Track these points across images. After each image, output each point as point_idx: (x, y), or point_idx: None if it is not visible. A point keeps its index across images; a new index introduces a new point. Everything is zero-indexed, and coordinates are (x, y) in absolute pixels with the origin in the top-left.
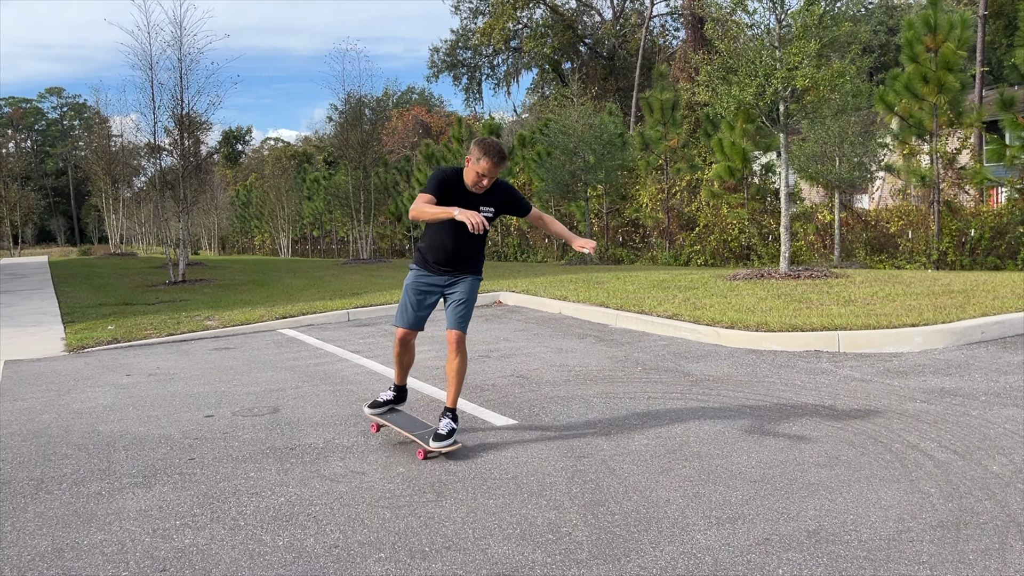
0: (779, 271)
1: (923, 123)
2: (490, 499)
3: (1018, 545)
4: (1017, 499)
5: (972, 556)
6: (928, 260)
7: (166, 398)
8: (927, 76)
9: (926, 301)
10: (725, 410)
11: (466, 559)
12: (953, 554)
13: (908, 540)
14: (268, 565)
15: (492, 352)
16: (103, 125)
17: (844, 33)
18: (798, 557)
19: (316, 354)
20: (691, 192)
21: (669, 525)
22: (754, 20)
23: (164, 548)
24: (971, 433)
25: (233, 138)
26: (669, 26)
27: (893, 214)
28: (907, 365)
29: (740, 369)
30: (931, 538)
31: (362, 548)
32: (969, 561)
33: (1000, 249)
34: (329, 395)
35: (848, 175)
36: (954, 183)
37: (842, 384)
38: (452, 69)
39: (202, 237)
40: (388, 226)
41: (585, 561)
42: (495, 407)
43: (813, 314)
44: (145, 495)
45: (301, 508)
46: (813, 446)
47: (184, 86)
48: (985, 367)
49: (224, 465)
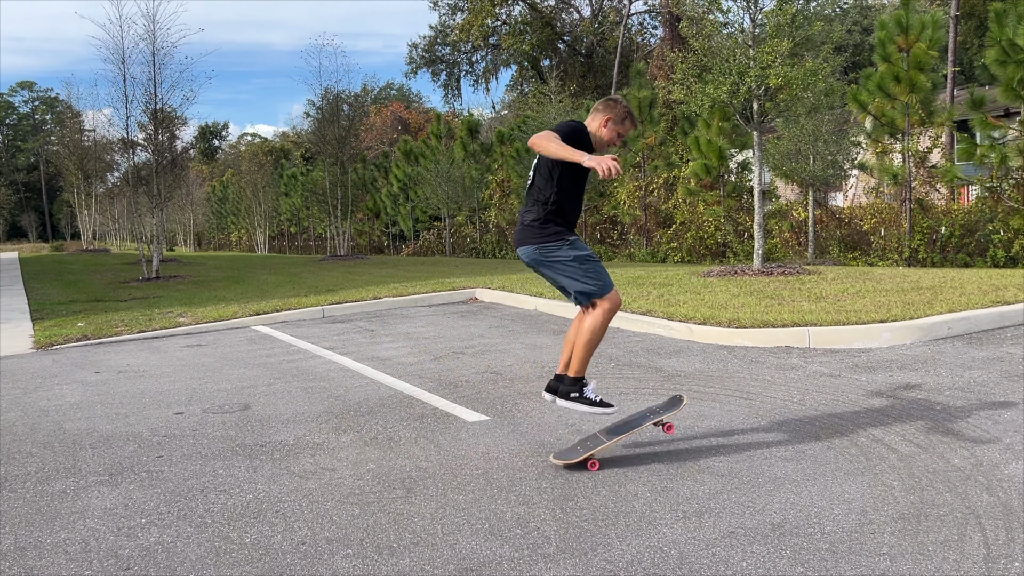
0: (753, 268)
1: (895, 122)
2: (460, 495)
3: (977, 536)
4: (977, 491)
5: (932, 547)
6: (900, 257)
7: (135, 395)
8: (899, 76)
9: (895, 298)
10: (696, 405)
11: (434, 554)
12: (913, 545)
13: (870, 532)
14: (234, 562)
15: (466, 349)
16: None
17: (817, 32)
18: (762, 550)
19: (289, 351)
20: (668, 189)
21: (636, 519)
22: (728, 19)
23: (129, 546)
24: (935, 427)
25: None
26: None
27: (866, 212)
28: (875, 361)
29: (711, 365)
30: (892, 530)
31: (330, 545)
32: (928, 552)
33: (970, 247)
34: (301, 392)
35: (822, 173)
36: (926, 181)
37: (811, 379)
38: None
39: (177, 233)
40: (366, 223)
41: (552, 556)
42: (467, 403)
43: (784, 310)
44: (111, 493)
45: (269, 505)
46: (780, 440)
47: (158, 81)
48: (951, 363)
49: (193, 462)
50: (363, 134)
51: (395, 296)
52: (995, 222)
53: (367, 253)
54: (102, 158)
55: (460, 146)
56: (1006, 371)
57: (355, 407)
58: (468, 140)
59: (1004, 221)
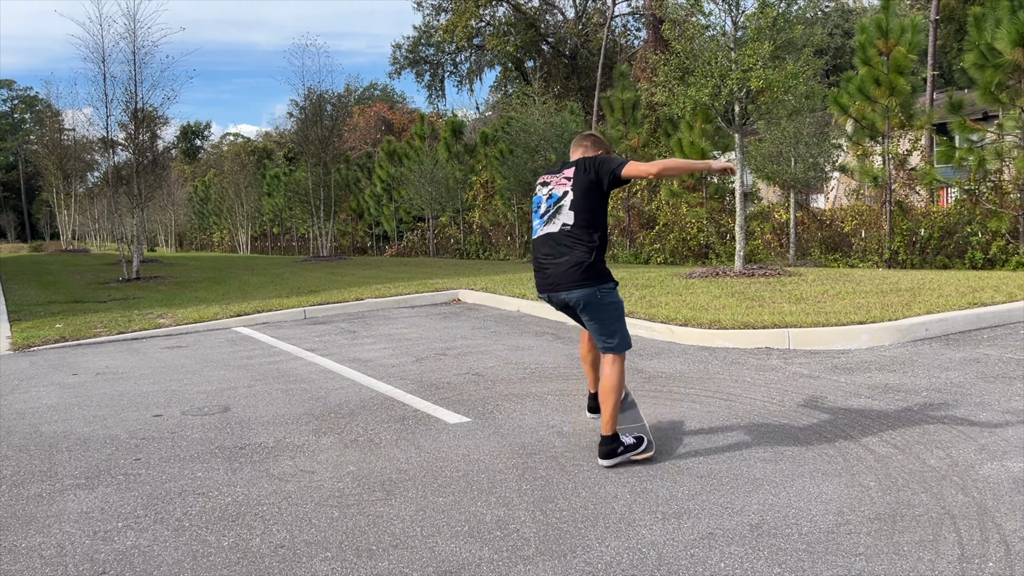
0: (734, 270)
1: (876, 125)
2: (440, 497)
3: (951, 537)
4: (952, 492)
5: (907, 547)
6: (880, 259)
7: (113, 397)
8: (879, 79)
9: (874, 299)
10: (676, 406)
11: (413, 557)
12: (889, 546)
13: (846, 532)
14: (211, 566)
15: (449, 350)
16: (55, 119)
17: (798, 35)
18: (740, 551)
19: (270, 352)
20: (651, 191)
21: (616, 520)
22: (710, 22)
23: (105, 550)
24: (911, 428)
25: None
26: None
27: (847, 214)
28: (854, 362)
29: (692, 366)
30: (868, 530)
31: (308, 548)
32: (904, 552)
33: (949, 248)
34: (282, 394)
35: (803, 175)
36: (905, 184)
37: (790, 381)
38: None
39: (159, 234)
40: (349, 223)
41: (532, 557)
42: (449, 405)
43: (765, 312)
44: (87, 497)
45: (248, 508)
46: (759, 441)
47: (138, 80)
48: (928, 364)
49: (171, 465)
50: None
51: (377, 297)
52: (973, 224)
53: (350, 254)
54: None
55: (444, 147)
56: (982, 372)
57: (336, 409)
58: (452, 141)
59: (982, 223)
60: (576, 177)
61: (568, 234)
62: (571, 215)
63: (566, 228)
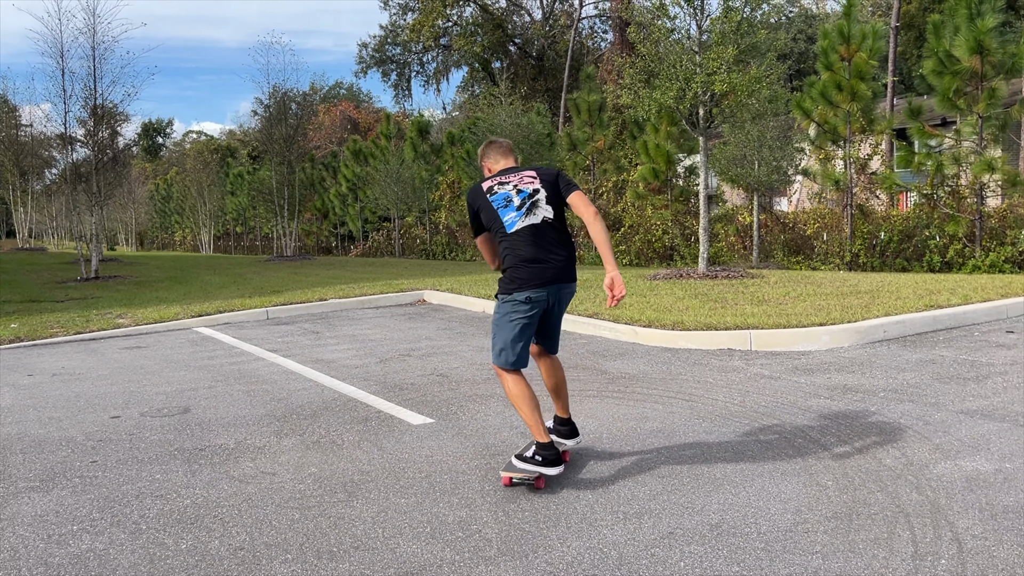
0: (698, 271)
1: (838, 129)
2: (402, 498)
3: (905, 534)
4: (907, 490)
5: (862, 545)
6: (841, 262)
7: (70, 399)
8: (841, 84)
9: (834, 301)
10: (638, 407)
11: (374, 558)
12: (845, 544)
13: (804, 531)
14: (169, 569)
15: (413, 351)
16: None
17: (762, 40)
18: (700, 550)
19: (232, 353)
20: (617, 193)
21: (577, 520)
22: (675, 25)
23: (59, 554)
24: (868, 428)
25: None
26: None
27: (810, 217)
28: (814, 363)
29: (655, 367)
30: (825, 529)
31: (268, 549)
32: (859, 550)
33: (907, 252)
34: (243, 395)
35: (767, 178)
36: (866, 188)
37: (752, 381)
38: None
39: (119, 233)
40: (314, 223)
41: (493, 558)
42: (412, 406)
43: (727, 313)
44: (42, 499)
45: (207, 510)
46: (720, 441)
47: (98, 75)
48: (886, 365)
49: (128, 467)
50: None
51: (341, 298)
52: (931, 228)
53: (315, 254)
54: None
55: (410, 147)
56: (937, 373)
57: (298, 410)
58: (418, 141)
59: (940, 227)
60: (541, 178)
61: (554, 227)
62: (549, 209)
63: (548, 221)
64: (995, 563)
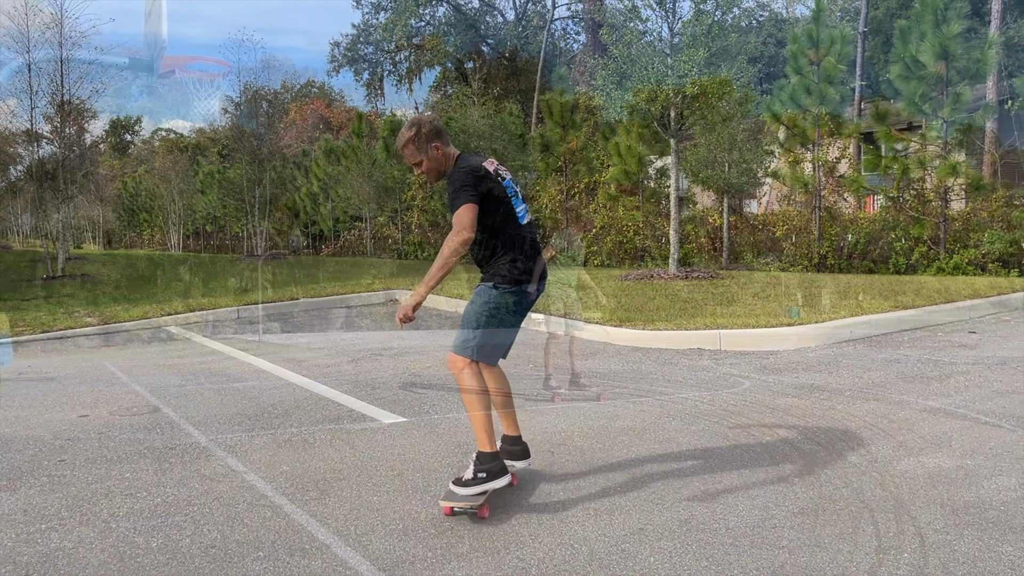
0: (669, 272)
1: (806, 132)
2: (374, 496)
3: (869, 529)
4: (871, 486)
5: (828, 540)
6: (810, 263)
7: (36, 398)
8: (810, 88)
9: (802, 302)
10: (609, 405)
11: (347, 556)
12: (811, 539)
13: (771, 526)
14: (139, 568)
15: (385, 350)
16: None
17: (732, 43)
18: (669, 545)
19: (202, 352)
20: (589, 194)
21: (549, 517)
22: (647, 28)
23: (27, 552)
24: (835, 426)
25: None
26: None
27: (779, 219)
28: (782, 363)
29: (626, 366)
30: (792, 524)
31: (240, 547)
32: (824, 545)
33: (874, 254)
34: (214, 394)
35: (737, 180)
36: (834, 190)
37: (721, 380)
38: (353, 64)
39: (86, 231)
40: (285, 222)
41: (465, 554)
42: (385, 405)
43: (697, 314)
44: (9, 499)
45: (178, 508)
46: (689, 439)
47: (65, 71)
48: (852, 364)
49: (97, 466)
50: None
51: (312, 297)
52: (897, 231)
53: (286, 253)
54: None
55: (382, 146)
56: (902, 372)
57: (269, 409)
58: (391, 140)
59: (905, 230)
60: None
61: (527, 225)
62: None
63: (524, 220)
64: (956, 556)
